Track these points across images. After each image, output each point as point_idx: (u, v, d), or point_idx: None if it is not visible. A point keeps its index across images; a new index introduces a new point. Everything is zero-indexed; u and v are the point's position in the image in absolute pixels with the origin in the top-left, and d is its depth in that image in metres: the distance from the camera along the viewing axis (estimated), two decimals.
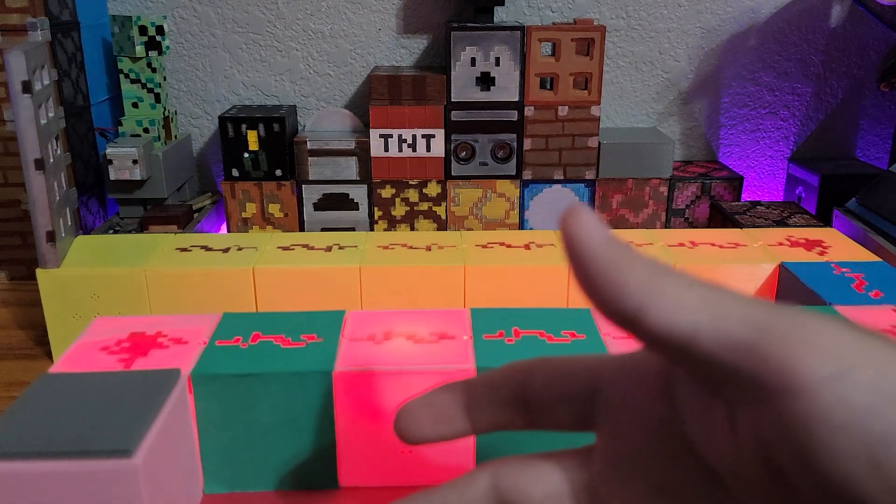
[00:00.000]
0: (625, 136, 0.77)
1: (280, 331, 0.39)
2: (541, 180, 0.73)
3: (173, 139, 0.77)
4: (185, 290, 0.53)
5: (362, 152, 0.72)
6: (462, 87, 0.70)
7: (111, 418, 0.30)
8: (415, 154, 0.72)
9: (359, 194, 0.73)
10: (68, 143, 0.68)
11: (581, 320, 0.41)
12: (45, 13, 0.65)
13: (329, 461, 0.37)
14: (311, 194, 0.73)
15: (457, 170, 0.73)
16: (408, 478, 0.38)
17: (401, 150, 0.72)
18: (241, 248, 0.56)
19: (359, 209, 0.74)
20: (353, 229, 0.74)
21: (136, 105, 0.74)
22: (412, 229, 0.74)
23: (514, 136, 0.72)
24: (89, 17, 0.74)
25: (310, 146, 0.71)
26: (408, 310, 0.42)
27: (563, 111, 0.71)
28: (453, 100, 0.71)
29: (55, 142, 0.54)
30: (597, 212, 0.75)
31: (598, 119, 0.71)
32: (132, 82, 0.73)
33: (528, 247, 0.56)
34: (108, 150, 0.70)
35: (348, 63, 0.82)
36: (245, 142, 0.71)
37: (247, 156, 0.72)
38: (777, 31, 0.82)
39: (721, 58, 0.82)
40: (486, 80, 0.70)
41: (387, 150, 0.71)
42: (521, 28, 0.69)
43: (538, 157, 0.72)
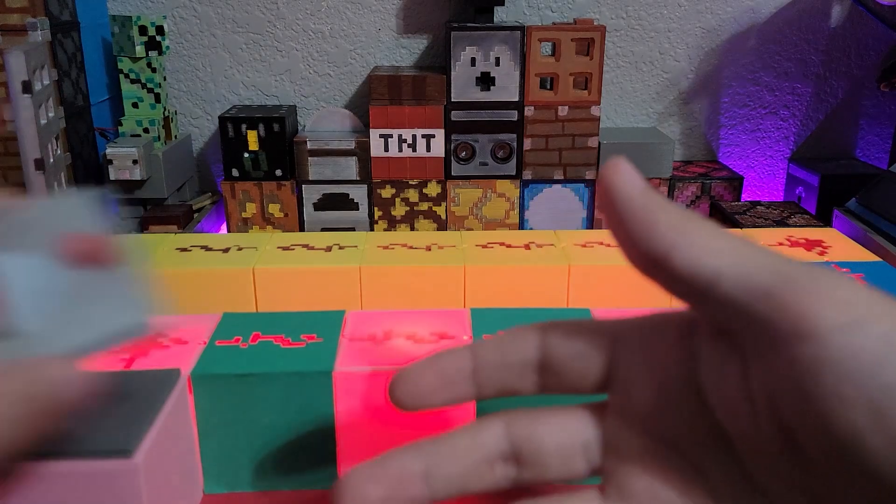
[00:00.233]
0: (625, 136, 0.77)
1: (280, 331, 0.39)
2: (541, 180, 0.73)
3: (173, 139, 0.77)
4: (185, 290, 0.53)
5: (362, 152, 0.72)
6: (462, 87, 0.70)
7: (111, 418, 0.30)
8: (415, 154, 0.72)
9: (359, 194, 0.73)
10: (68, 143, 0.68)
11: None
12: (45, 13, 0.65)
13: (329, 461, 0.37)
14: (311, 194, 0.73)
15: (457, 170, 0.73)
16: None
17: (401, 150, 0.72)
18: (241, 248, 0.56)
19: (359, 209, 0.74)
20: (353, 229, 0.74)
21: (136, 105, 0.74)
22: (412, 229, 0.74)
23: (514, 136, 0.72)
24: (89, 17, 0.74)
25: (310, 146, 0.71)
26: (408, 310, 0.42)
27: (563, 111, 0.71)
28: (453, 100, 0.70)
29: (55, 142, 0.54)
30: (597, 212, 0.75)
31: (598, 119, 0.71)
32: (132, 82, 0.73)
33: (528, 247, 0.56)
34: (108, 150, 0.70)
35: (348, 63, 0.82)
36: (245, 142, 0.71)
37: (247, 156, 0.72)
38: (777, 31, 0.82)
39: (721, 58, 0.82)
40: (486, 80, 0.70)
41: (387, 150, 0.71)
42: (521, 28, 0.69)
43: (538, 157, 0.72)
